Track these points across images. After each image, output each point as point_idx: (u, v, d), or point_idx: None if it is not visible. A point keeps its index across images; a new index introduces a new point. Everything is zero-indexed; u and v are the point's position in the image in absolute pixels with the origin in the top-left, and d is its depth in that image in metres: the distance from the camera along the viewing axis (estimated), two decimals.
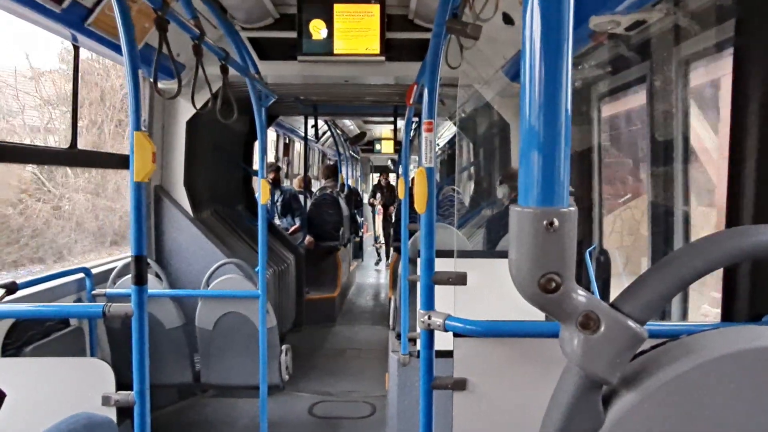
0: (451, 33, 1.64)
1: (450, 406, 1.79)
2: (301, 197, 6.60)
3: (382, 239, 11.24)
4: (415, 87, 2.97)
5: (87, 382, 1.80)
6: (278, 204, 6.57)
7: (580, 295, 0.57)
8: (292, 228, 6.49)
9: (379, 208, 11.26)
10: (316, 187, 8.31)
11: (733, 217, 1.66)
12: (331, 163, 9.31)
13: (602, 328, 0.56)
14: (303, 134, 6.82)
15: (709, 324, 1.89)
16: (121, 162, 3.96)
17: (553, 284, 0.56)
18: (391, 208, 10.36)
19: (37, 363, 1.90)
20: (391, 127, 7.33)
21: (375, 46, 3.60)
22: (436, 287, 1.90)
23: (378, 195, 11.40)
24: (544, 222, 0.55)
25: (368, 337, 5.87)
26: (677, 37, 2.35)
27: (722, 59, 2.13)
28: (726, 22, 1.94)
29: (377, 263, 10.85)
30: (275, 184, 6.43)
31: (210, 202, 4.79)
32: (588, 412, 0.59)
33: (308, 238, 6.39)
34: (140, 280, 1.74)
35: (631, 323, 0.57)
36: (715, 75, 2.36)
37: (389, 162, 14.54)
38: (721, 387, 0.58)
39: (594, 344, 0.57)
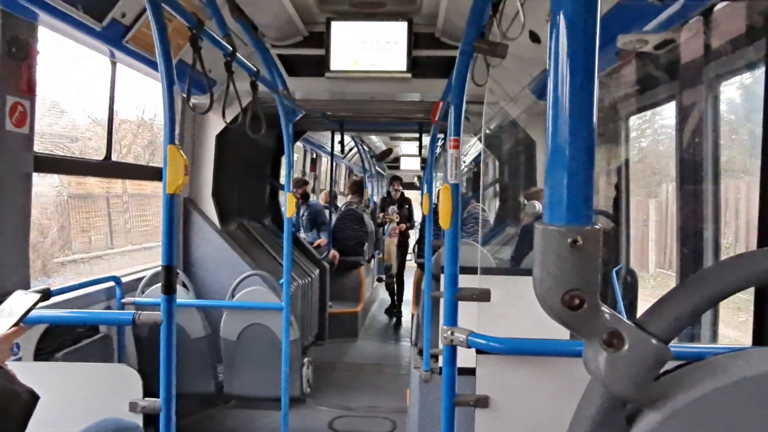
0: (478, 52, 1.66)
1: (471, 424, 1.78)
2: (327, 212, 6.66)
3: (394, 270, 7.84)
4: (441, 104, 3.00)
5: (115, 387, 1.84)
6: (304, 218, 6.64)
7: (605, 312, 0.57)
8: (317, 242, 6.55)
9: (393, 226, 7.96)
10: (341, 202, 8.38)
11: (765, 237, 1.63)
12: (357, 178, 9.36)
13: (626, 346, 0.57)
14: (330, 150, 6.90)
15: (732, 347, 1.85)
16: (153, 174, 4.07)
17: (577, 301, 0.56)
18: (402, 226, 7.95)
19: (68, 368, 1.95)
20: (417, 143, 7.36)
21: (402, 64, 3.64)
22: (460, 304, 1.90)
23: (389, 210, 8.09)
24: (569, 240, 0.56)
25: (390, 352, 5.86)
26: (707, 56, 2.33)
27: None
28: (758, 41, 1.92)
29: (390, 312, 7.56)
30: (304, 197, 6.50)
31: (237, 215, 4.87)
32: (612, 430, 0.59)
33: (332, 252, 6.42)
34: (169, 290, 1.78)
35: (655, 342, 0.57)
36: None
37: (415, 179, 14.32)
38: (747, 409, 0.58)
39: (618, 362, 0.57)
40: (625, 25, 2.38)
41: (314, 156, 8.88)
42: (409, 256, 8.49)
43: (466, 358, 1.89)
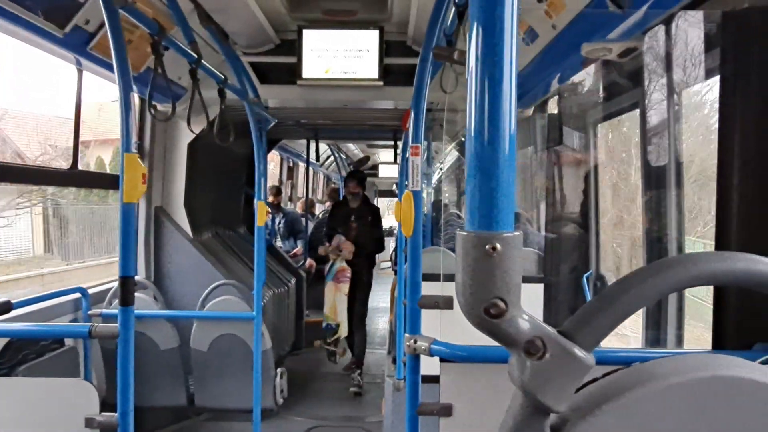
0: (437, 59, 1.67)
1: None
2: (304, 220, 6.63)
3: (343, 331, 4.96)
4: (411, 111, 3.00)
5: (71, 403, 1.79)
6: (281, 226, 6.59)
7: (526, 320, 0.57)
8: (294, 250, 6.50)
9: (340, 266, 4.99)
10: (320, 210, 8.35)
11: (721, 241, 1.65)
12: (335, 186, 9.31)
13: (548, 355, 0.56)
14: (306, 158, 6.89)
15: (662, 351, 1.86)
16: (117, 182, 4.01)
17: (498, 309, 0.55)
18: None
19: (21, 383, 1.90)
20: (393, 151, 7.37)
21: (374, 71, 3.65)
22: (428, 311, 1.88)
23: (336, 241, 5.08)
24: (487, 246, 0.55)
25: (367, 361, 5.82)
26: (668, 63, 2.37)
27: None
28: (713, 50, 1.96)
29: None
30: (277, 206, 6.46)
31: (211, 223, 4.81)
32: None
33: (309, 260, 6.38)
34: (126, 301, 1.75)
35: (577, 350, 0.56)
36: None
37: (394, 186, 14.27)
38: (673, 415, 0.57)
39: (539, 371, 0.56)
40: (588, 34, 2.41)
41: (291, 164, 8.84)
42: (387, 264, 8.17)
43: (435, 365, 1.87)
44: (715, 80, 2.11)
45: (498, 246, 0.54)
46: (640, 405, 0.57)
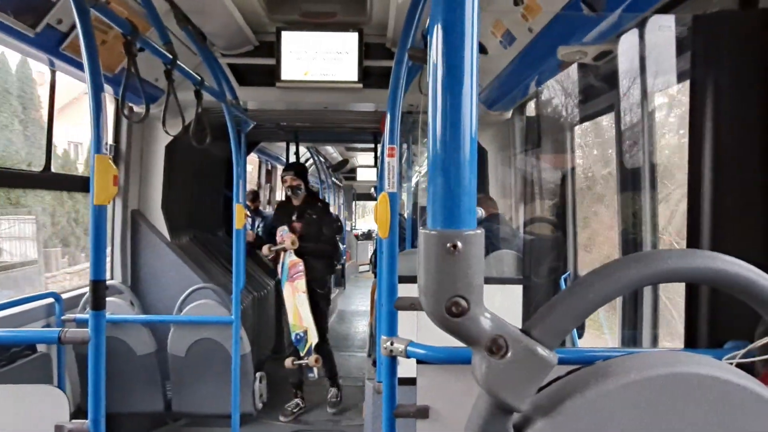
0: (412, 60, 1.67)
1: None
2: None
3: (312, 338, 4.11)
4: None
5: (41, 410, 1.75)
6: (259, 230, 6.54)
7: (488, 319, 0.56)
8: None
9: (291, 260, 4.23)
10: None
11: (693, 240, 1.68)
12: (314, 190, 9.22)
13: (510, 353, 0.56)
14: (285, 161, 6.85)
15: (625, 350, 1.88)
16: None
17: (459, 308, 0.55)
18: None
19: None
20: (373, 154, 7.36)
21: (353, 74, 3.64)
22: (407, 313, 1.88)
23: (280, 234, 4.35)
24: (448, 245, 0.54)
25: (348, 364, 5.79)
26: (642, 66, 2.40)
27: None
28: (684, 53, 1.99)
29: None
30: (255, 211, 6.44)
31: (189, 227, 4.75)
32: None
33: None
34: (97, 306, 1.71)
35: (539, 348, 0.56)
36: None
37: (372, 189, 14.23)
38: (634, 412, 0.57)
39: (501, 369, 0.56)
40: (564, 37, 2.44)
41: (269, 167, 8.78)
42: (365, 267, 8.07)
43: (413, 367, 1.87)
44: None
45: (459, 244, 0.54)
46: (601, 402, 0.57)
